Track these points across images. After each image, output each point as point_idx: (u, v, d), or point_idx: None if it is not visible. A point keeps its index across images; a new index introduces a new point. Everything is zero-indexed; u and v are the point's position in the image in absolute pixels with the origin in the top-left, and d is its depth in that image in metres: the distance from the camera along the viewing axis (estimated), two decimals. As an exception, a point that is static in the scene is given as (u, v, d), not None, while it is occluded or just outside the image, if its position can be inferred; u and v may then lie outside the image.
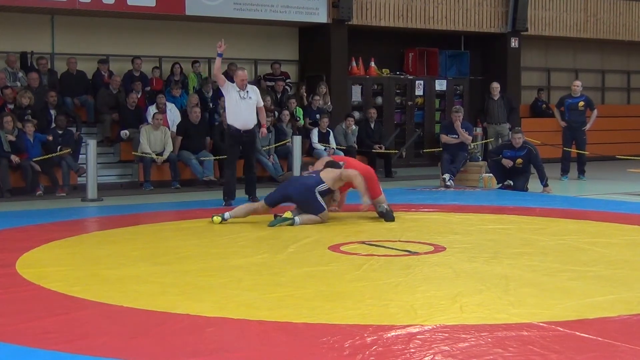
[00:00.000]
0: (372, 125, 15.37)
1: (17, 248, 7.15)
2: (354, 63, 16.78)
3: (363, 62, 16.89)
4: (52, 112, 12.85)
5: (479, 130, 14.93)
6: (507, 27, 17.83)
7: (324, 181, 8.81)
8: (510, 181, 12.21)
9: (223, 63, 15.22)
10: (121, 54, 14.76)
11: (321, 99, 15.33)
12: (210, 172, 13.17)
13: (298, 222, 8.51)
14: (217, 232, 8.26)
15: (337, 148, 14.42)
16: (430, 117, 17.75)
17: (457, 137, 13.10)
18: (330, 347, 4.15)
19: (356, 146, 14.81)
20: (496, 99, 15.06)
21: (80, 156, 12.61)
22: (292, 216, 8.53)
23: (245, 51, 15.91)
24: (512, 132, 12.97)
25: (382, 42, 17.41)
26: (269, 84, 15.63)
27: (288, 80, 15.96)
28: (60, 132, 12.42)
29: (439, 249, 7.09)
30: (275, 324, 4.61)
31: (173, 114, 13.76)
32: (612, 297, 5.24)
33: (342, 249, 7.15)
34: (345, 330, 4.43)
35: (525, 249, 7.09)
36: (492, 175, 12.59)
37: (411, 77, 17.49)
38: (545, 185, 11.93)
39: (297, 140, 13.26)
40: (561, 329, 4.45)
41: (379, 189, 9.12)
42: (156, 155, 12.82)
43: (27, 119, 12.29)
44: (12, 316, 4.82)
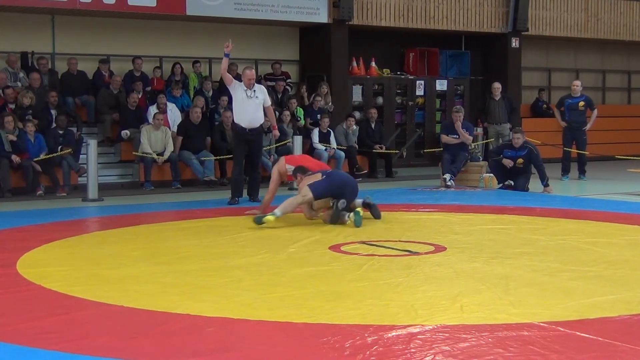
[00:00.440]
0: (373, 125, 15.37)
1: (17, 248, 7.16)
2: (354, 63, 16.78)
3: (364, 62, 16.89)
4: (53, 112, 12.84)
5: (479, 130, 14.92)
6: (507, 27, 17.82)
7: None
8: (511, 181, 12.20)
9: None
10: (122, 54, 14.75)
11: (322, 99, 15.33)
12: (210, 172, 13.15)
13: (279, 215, 8.48)
14: (217, 232, 8.26)
15: (337, 148, 14.42)
16: (431, 117, 17.75)
17: (457, 137, 13.09)
18: (331, 347, 4.15)
19: (357, 146, 14.81)
20: (497, 99, 15.06)
21: (80, 156, 12.60)
22: (274, 219, 8.44)
23: (245, 51, 15.90)
24: (512, 132, 12.97)
25: (383, 42, 17.41)
26: (269, 84, 15.62)
27: (289, 80, 15.95)
28: (61, 132, 12.41)
29: (439, 249, 7.09)
30: (275, 324, 4.61)
31: (174, 114, 13.76)
32: (612, 297, 5.24)
33: (343, 249, 7.15)
34: (346, 330, 4.43)
35: (526, 249, 7.09)
36: (493, 175, 12.58)
37: (412, 77, 17.48)
38: (545, 185, 11.92)
39: (298, 140, 13.26)
40: (562, 329, 4.45)
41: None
42: (157, 155, 12.82)
43: (28, 119, 12.29)
44: (12, 316, 4.83)
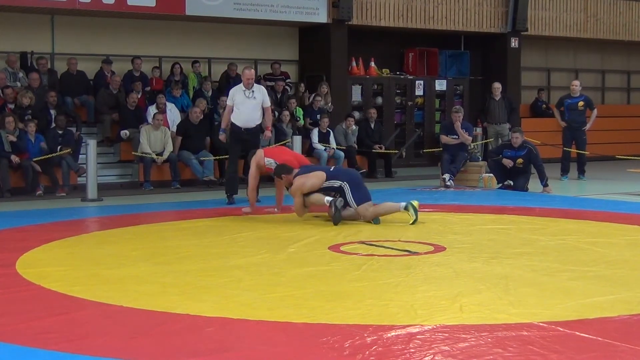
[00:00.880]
0: (372, 125, 15.36)
1: (17, 248, 7.15)
2: (354, 63, 16.77)
3: (363, 62, 16.88)
4: (52, 112, 12.83)
5: (478, 130, 14.92)
6: (507, 27, 17.82)
7: None
8: (511, 181, 12.20)
9: (222, 63, 15.34)
10: (121, 54, 14.74)
11: (322, 99, 15.32)
12: (210, 172, 13.15)
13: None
14: (217, 232, 8.27)
15: (337, 148, 14.41)
16: (430, 117, 17.74)
17: (457, 137, 13.09)
18: (330, 347, 4.15)
19: (356, 146, 14.81)
20: (497, 99, 15.06)
21: (80, 156, 12.60)
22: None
23: (245, 51, 15.91)
24: (510, 132, 12.97)
25: (382, 42, 17.40)
26: (269, 84, 15.61)
27: (288, 80, 15.94)
28: (60, 132, 12.41)
29: (439, 249, 7.09)
30: (275, 324, 4.61)
31: (173, 114, 13.75)
32: (612, 297, 5.24)
33: (342, 248, 7.15)
34: (345, 330, 4.43)
35: (525, 249, 7.09)
36: (492, 175, 12.58)
37: (411, 77, 17.47)
38: (545, 185, 11.92)
39: (297, 140, 13.26)
40: (561, 329, 4.45)
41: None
42: (156, 155, 12.82)
43: (27, 119, 12.29)
44: (12, 316, 4.82)
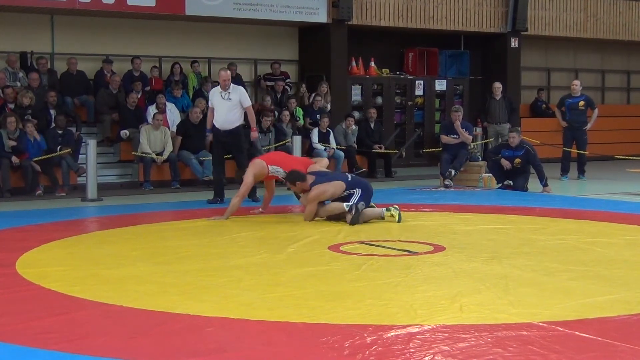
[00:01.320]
0: (372, 125, 15.37)
1: (17, 248, 7.15)
2: (353, 63, 16.77)
3: (363, 62, 16.88)
4: (52, 112, 12.84)
5: (478, 130, 14.93)
6: (507, 27, 17.82)
7: None
8: (510, 181, 12.20)
9: (222, 63, 15.32)
10: (121, 53, 14.74)
11: (322, 98, 15.33)
12: (210, 172, 13.14)
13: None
14: (217, 232, 8.26)
15: (337, 148, 14.41)
16: (430, 117, 17.74)
17: (457, 137, 13.09)
18: (330, 347, 4.15)
19: (356, 146, 14.81)
20: (498, 99, 15.06)
21: (80, 156, 12.60)
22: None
23: (245, 51, 15.92)
24: (508, 132, 12.98)
25: (382, 42, 17.40)
26: (268, 84, 15.64)
27: (288, 80, 15.95)
28: (60, 132, 12.41)
29: (438, 249, 7.09)
30: (275, 324, 4.61)
31: (173, 114, 13.76)
32: (611, 297, 5.24)
33: (342, 248, 7.15)
34: (345, 330, 4.43)
35: (525, 249, 7.09)
36: (492, 175, 12.58)
37: (411, 77, 17.47)
38: (544, 185, 11.92)
39: (297, 140, 13.27)
40: (561, 329, 4.45)
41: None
42: (156, 155, 12.82)
43: (27, 118, 12.29)
44: (12, 316, 4.82)
